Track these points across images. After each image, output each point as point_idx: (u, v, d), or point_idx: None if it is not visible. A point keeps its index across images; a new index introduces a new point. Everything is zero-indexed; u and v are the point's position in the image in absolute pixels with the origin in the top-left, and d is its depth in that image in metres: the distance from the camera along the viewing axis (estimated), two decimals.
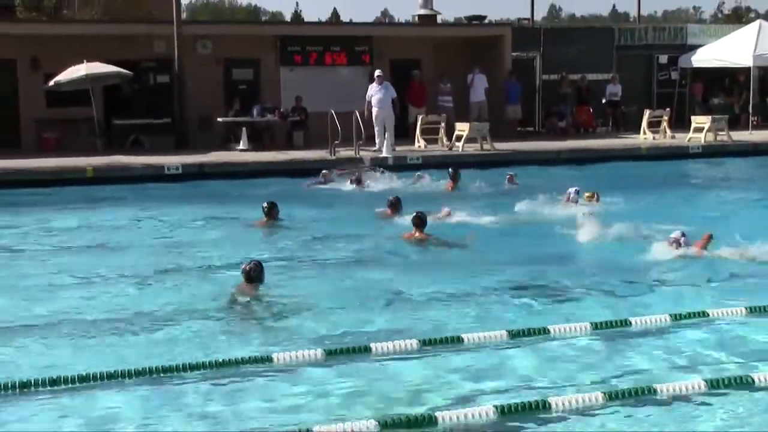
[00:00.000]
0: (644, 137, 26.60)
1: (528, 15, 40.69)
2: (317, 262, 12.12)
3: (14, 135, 25.44)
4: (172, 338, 8.62)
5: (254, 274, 9.93)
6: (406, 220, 13.35)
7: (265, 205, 14.27)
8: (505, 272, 11.07)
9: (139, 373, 7.29)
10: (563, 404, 6.48)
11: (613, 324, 8.46)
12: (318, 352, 7.67)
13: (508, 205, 15.31)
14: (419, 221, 12.73)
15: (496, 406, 6.41)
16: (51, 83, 24.34)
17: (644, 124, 26.87)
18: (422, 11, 31.97)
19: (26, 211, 16.78)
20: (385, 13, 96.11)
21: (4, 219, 15.84)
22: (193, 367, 7.43)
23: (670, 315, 8.59)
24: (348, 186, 18.52)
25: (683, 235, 11.43)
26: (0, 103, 25.49)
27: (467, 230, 13.21)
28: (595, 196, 15.52)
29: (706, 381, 6.86)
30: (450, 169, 18.56)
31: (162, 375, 7.31)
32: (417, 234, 12.71)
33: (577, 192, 15.26)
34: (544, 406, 6.47)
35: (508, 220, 14.34)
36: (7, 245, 13.63)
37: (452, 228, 13.49)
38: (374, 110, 23.47)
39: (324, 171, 19.48)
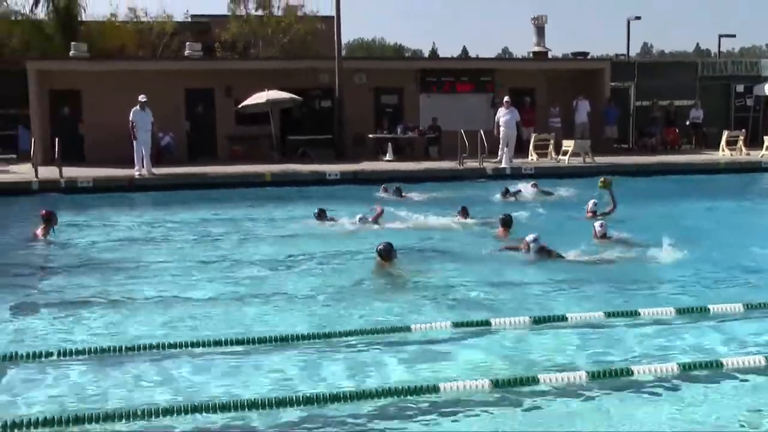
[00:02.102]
0: (722, 154, 25.67)
1: (624, 51, 39.89)
2: (426, 253, 11.76)
3: (212, 147, 26.34)
4: (328, 309, 8.71)
5: (385, 253, 10.09)
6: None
7: (315, 211, 14.15)
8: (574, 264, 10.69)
9: (305, 338, 7.38)
10: (644, 372, 6.37)
11: (695, 309, 8.14)
12: (447, 324, 7.60)
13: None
14: (505, 222, 12.63)
15: (587, 372, 6.35)
16: (240, 107, 25.08)
17: (723, 142, 25.93)
18: (536, 48, 31.60)
19: (221, 205, 17.22)
20: (505, 49, 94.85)
21: (205, 211, 16.34)
22: (346, 334, 7.45)
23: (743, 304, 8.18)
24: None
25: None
26: (202, 122, 26.43)
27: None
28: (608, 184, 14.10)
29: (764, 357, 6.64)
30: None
31: (322, 339, 7.38)
32: (501, 231, 12.60)
33: (595, 204, 13.97)
34: (628, 372, 6.38)
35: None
36: (206, 231, 14.05)
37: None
38: (501, 129, 23.35)
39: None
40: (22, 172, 21.10)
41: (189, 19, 40.91)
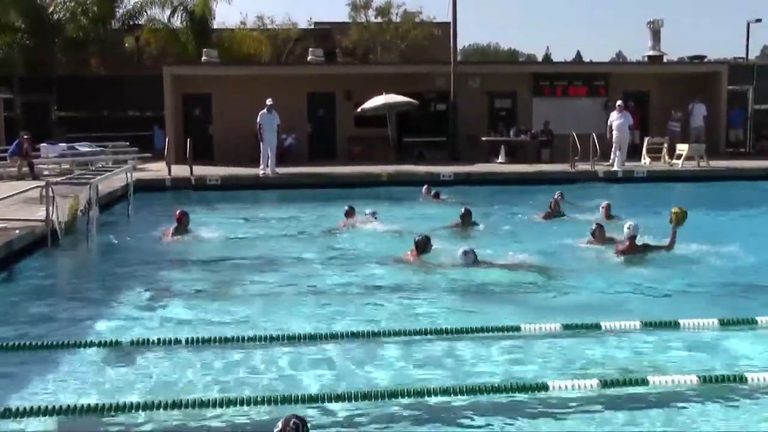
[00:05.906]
0: None
1: (743, 54, 38.30)
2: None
3: (332, 148, 26.72)
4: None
5: (422, 245, 10.08)
6: None
7: (346, 208, 13.98)
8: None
9: (413, 333, 7.40)
10: (764, 379, 6.08)
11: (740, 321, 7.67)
12: (558, 326, 7.47)
13: None
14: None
15: (698, 376, 6.15)
16: (359, 110, 25.33)
17: None
18: (651, 52, 30.70)
19: (341, 203, 17.38)
20: (619, 54, 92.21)
21: (320, 210, 16.44)
22: (464, 331, 7.41)
23: None
24: None
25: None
26: (324, 125, 26.84)
27: None
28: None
29: None
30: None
31: (449, 335, 7.36)
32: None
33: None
34: (742, 380, 6.12)
35: None
36: (323, 228, 14.15)
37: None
38: (614, 133, 22.85)
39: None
40: (156, 169, 21.96)
41: (312, 26, 41.67)
